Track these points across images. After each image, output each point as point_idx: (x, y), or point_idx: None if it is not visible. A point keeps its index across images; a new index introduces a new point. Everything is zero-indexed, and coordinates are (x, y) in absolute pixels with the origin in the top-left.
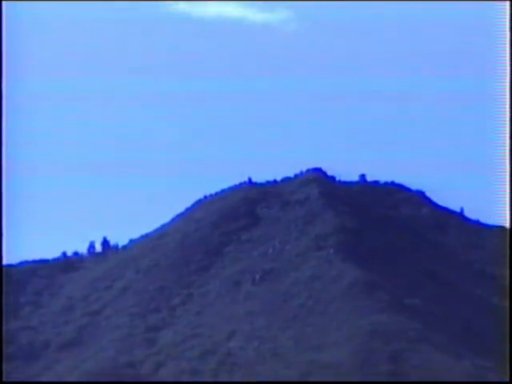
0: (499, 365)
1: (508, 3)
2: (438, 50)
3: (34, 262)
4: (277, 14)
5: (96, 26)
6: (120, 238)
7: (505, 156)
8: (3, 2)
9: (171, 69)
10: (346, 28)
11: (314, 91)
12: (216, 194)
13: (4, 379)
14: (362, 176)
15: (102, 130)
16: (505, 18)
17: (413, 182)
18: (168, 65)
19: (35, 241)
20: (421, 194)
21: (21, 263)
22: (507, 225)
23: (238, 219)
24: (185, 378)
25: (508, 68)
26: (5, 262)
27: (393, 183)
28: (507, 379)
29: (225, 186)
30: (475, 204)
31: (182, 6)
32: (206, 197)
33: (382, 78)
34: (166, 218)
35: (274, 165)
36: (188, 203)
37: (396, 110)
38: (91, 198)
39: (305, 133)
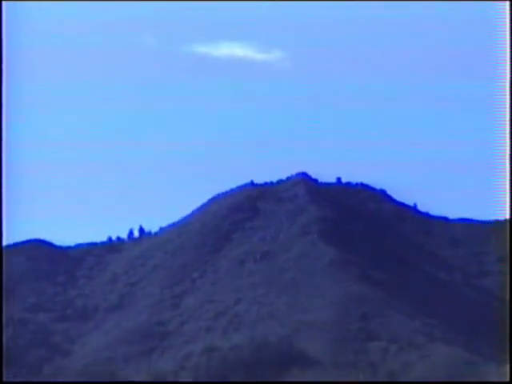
0: (442, 323)
1: (508, 3)
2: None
3: (87, 244)
4: (273, 54)
5: (117, 64)
6: (152, 226)
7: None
8: (3, 2)
9: (191, 94)
10: (330, 64)
11: (300, 114)
12: (226, 192)
13: (63, 336)
14: (338, 179)
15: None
16: (505, 18)
17: (377, 182)
18: (189, 90)
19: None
20: (383, 192)
21: (77, 245)
22: (450, 216)
23: (242, 212)
24: (202, 334)
25: (508, 68)
26: (64, 244)
27: (362, 184)
28: (507, 379)
29: (233, 185)
30: (426, 199)
31: (200, 47)
32: (218, 195)
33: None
34: (187, 210)
35: (271, 170)
36: (204, 199)
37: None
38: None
39: (294, 146)
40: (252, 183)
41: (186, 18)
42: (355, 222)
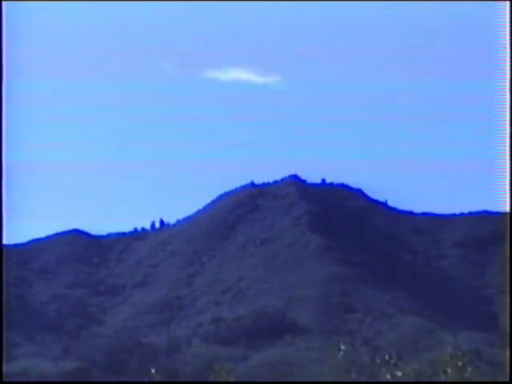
0: (408, 297)
1: (508, 3)
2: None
3: (117, 234)
4: (271, 78)
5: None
6: (170, 219)
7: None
8: (3, 2)
9: (203, 111)
10: (316, 85)
11: (293, 127)
12: (231, 191)
13: (97, 308)
14: (323, 180)
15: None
16: (505, 18)
17: (355, 182)
18: (201, 108)
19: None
20: (359, 190)
21: (108, 234)
22: (414, 210)
23: (245, 207)
24: (211, 306)
25: (508, 68)
26: (98, 233)
27: (342, 184)
28: (507, 379)
29: (237, 185)
30: (395, 196)
31: (211, 72)
32: (225, 192)
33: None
34: (199, 205)
35: (268, 172)
36: (213, 196)
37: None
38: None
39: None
40: (252, 184)
41: (199, 48)
42: (337, 215)
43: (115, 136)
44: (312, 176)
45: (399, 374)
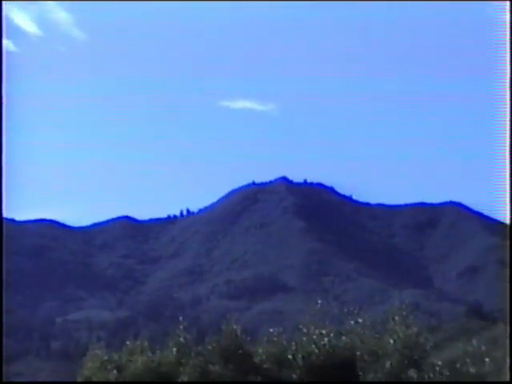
0: (367, 266)
1: (508, 3)
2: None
3: (155, 219)
4: (268, 106)
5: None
6: (194, 208)
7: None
8: (3, 2)
9: (219, 134)
10: (304, 111)
11: (285, 141)
12: (238, 187)
13: (141, 273)
14: (305, 180)
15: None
16: (505, 18)
17: (328, 181)
18: (217, 131)
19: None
20: (331, 188)
21: (150, 219)
22: (371, 202)
23: (248, 200)
24: (224, 272)
25: (508, 68)
26: (141, 218)
27: (318, 183)
28: (507, 379)
29: (242, 183)
30: (358, 191)
31: (225, 102)
32: (234, 189)
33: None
34: (214, 198)
35: (266, 174)
36: (226, 191)
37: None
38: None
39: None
40: (254, 183)
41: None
42: (315, 206)
43: (158, 146)
44: (297, 177)
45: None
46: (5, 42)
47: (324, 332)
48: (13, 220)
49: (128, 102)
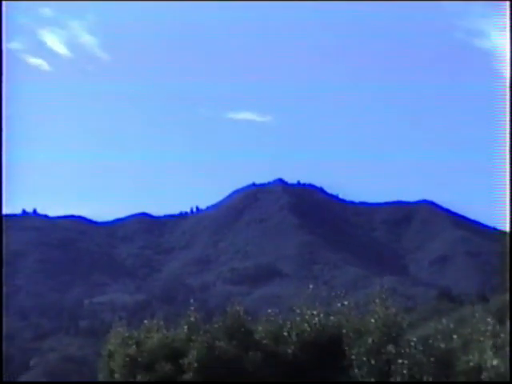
0: (352, 255)
1: (508, 3)
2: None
3: (169, 215)
4: (267, 118)
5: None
6: (203, 205)
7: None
8: (3, 2)
9: (224, 142)
10: (298, 123)
11: (282, 149)
12: (241, 188)
13: (157, 262)
14: (298, 181)
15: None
16: (505, 18)
17: (318, 182)
18: (222, 140)
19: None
20: (321, 188)
21: (164, 215)
22: (355, 200)
23: (249, 198)
24: (228, 261)
25: (508, 68)
26: (157, 214)
27: (310, 184)
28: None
29: (245, 184)
30: (344, 191)
31: (229, 114)
32: (237, 189)
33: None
34: (220, 197)
35: (264, 176)
36: (230, 191)
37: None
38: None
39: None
40: (254, 184)
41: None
42: (306, 204)
43: (172, 153)
44: (291, 179)
45: (346, 302)
46: (39, 61)
47: (315, 313)
48: (46, 216)
49: (147, 111)
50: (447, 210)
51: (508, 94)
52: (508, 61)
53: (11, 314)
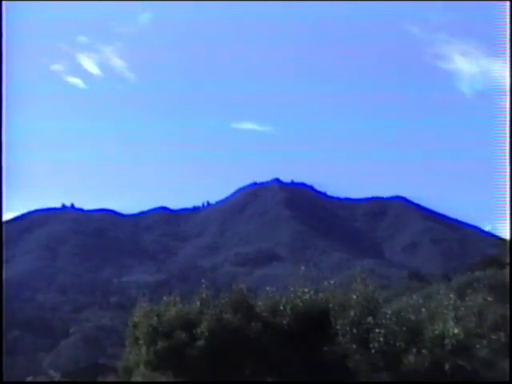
0: (337, 242)
1: (508, 3)
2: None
3: (184, 209)
4: (267, 128)
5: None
6: (212, 200)
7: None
8: (3, 2)
9: (228, 152)
10: (296, 132)
11: (279, 153)
12: (243, 186)
13: (173, 247)
14: (292, 181)
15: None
16: (505, 18)
17: (308, 181)
18: (227, 149)
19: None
20: (311, 186)
21: (182, 208)
22: (341, 196)
23: (251, 196)
24: (233, 247)
25: (508, 69)
26: (175, 207)
27: (302, 183)
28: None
29: (247, 183)
30: (330, 188)
31: (233, 124)
32: (240, 187)
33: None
34: (227, 193)
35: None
36: (234, 189)
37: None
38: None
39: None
40: (255, 183)
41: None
42: (299, 200)
43: (187, 156)
44: (286, 178)
45: (332, 281)
46: (77, 80)
47: (306, 290)
48: (82, 209)
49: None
50: (417, 205)
51: (508, 95)
52: (508, 61)
53: (53, 291)
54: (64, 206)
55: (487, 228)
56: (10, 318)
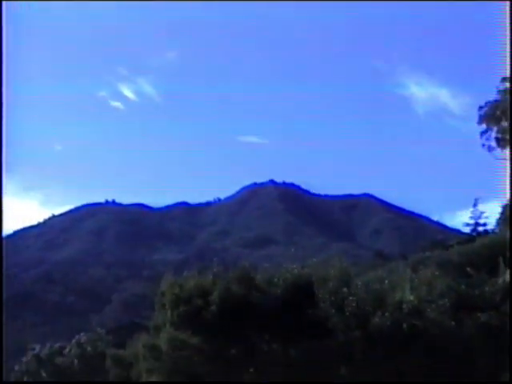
0: (323, 232)
1: (508, 3)
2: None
3: (201, 203)
4: (264, 140)
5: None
6: (222, 196)
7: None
8: (3, 2)
9: (230, 162)
10: (289, 143)
11: (272, 159)
12: (245, 186)
13: (191, 232)
14: (284, 181)
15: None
16: (505, 18)
17: (299, 181)
18: (229, 159)
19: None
20: (298, 186)
21: (198, 203)
22: (327, 193)
23: (252, 193)
24: (238, 234)
25: (508, 68)
26: (192, 202)
27: (291, 183)
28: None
29: (248, 183)
30: (317, 187)
31: (235, 137)
32: (242, 187)
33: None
34: (233, 191)
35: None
36: (238, 188)
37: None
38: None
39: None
40: (255, 183)
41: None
42: (290, 197)
43: (203, 163)
44: (279, 179)
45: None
46: (118, 104)
47: (294, 266)
48: (121, 204)
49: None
50: (381, 200)
51: (508, 98)
52: (508, 61)
53: (100, 267)
54: (107, 201)
55: (436, 218)
56: (68, 286)
